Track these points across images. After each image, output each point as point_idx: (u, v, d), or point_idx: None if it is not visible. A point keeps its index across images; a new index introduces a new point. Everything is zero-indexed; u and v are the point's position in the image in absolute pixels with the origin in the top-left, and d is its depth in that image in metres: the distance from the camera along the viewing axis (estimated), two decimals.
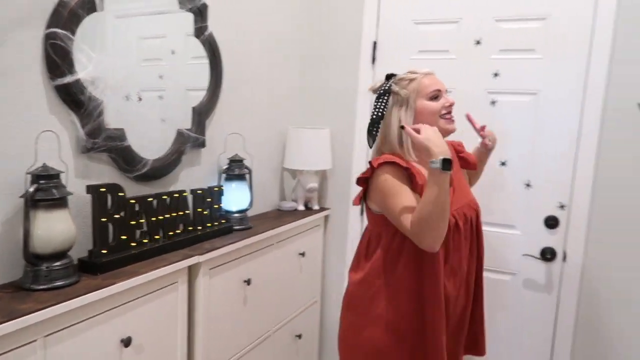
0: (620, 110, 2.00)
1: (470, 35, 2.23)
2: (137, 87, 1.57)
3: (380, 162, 1.52)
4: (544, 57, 2.11)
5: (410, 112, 1.57)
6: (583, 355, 2.14)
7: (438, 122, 1.55)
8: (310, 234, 2.40)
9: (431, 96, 1.56)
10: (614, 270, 2.07)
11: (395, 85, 1.61)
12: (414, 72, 1.61)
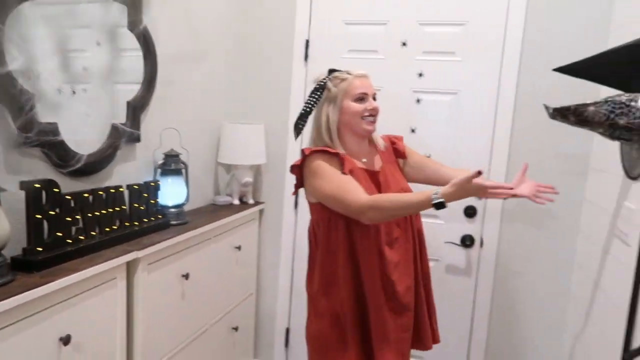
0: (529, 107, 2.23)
1: (397, 37, 2.37)
2: (69, 79, 1.53)
3: (312, 150, 1.64)
4: (463, 59, 2.30)
5: (336, 109, 1.68)
6: (498, 330, 2.37)
7: (360, 123, 1.67)
8: (246, 228, 2.44)
9: (356, 98, 1.66)
10: (523, 253, 2.31)
11: (330, 82, 1.70)
12: (349, 73, 1.71)
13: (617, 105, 1.62)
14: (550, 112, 1.72)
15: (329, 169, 1.59)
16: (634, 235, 1.59)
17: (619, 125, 1.61)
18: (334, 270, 1.65)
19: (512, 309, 2.35)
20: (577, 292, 2.16)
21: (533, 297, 2.32)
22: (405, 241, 1.68)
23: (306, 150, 1.66)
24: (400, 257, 1.66)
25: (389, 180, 1.71)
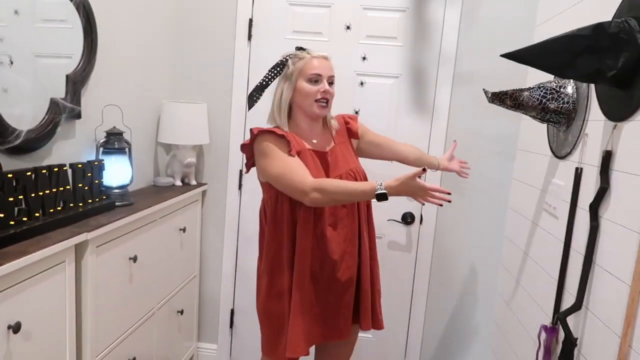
0: (464, 91, 2.37)
1: (341, 20, 2.40)
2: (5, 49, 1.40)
3: (260, 129, 1.65)
4: (404, 44, 2.38)
5: (290, 88, 1.69)
6: (436, 301, 2.53)
7: (311, 105, 1.68)
8: (189, 210, 2.38)
9: (310, 79, 1.66)
10: (459, 228, 2.47)
11: (291, 59, 1.70)
12: (308, 53, 1.70)
13: (549, 91, 1.77)
14: (489, 97, 1.85)
15: (276, 150, 1.60)
16: (562, 208, 1.76)
17: (550, 109, 1.77)
18: (278, 248, 1.68)
19: (449, 280, 2.51)
20: (507, 262, 2.36)
21: (468, 268, 2.49)
22: (351, 221, 1.72)
23: (254, 130, 1.66)
24: (344, 237, 1.70)
25: (338, 160, 1.75)
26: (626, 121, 1.38)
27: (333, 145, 1.78)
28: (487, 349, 2.52)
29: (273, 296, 1.70)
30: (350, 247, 1.72)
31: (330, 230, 1.67)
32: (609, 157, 1.43)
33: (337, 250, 1.68)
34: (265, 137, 1.63)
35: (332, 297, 1.70)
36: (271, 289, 1.70)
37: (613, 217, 1.40)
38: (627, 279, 1.29)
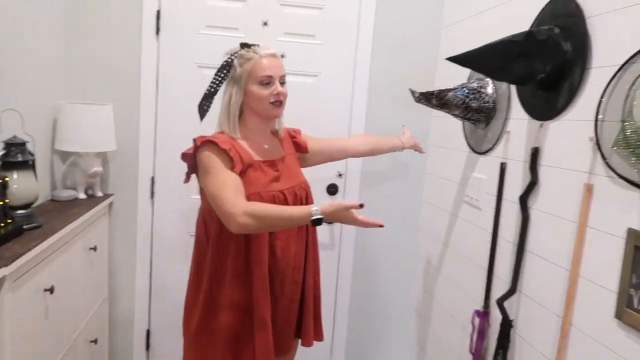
0: (380, 89, 2.44)
1: (258, 16, 2.31)
2: None
3: (203, 140, 1.52)
4: (322, 42, 2.37)
5: (240, 92, 1.58)
6: (359, 294, 2.58)
7: (266, 108, 1.60)
8: (98, 225, 2.12)
9: (261, 81, 1.56)
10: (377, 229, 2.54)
11: (237, 60, 1.58)
12: (256, 52, 1.59)
13: (471, 91, 1.90)
14: (416, 96, 1.92)
15: (218, 166, 1.49)
16: (485, 200, 1.90)
17: (472, 108, 1.89)
18: (223, 261, 1.57)
19: (371, 273, 2.59)
20: (425, 253, 2.49)
21: (388, 259, 2.58)
22: (301, 236, 1.68)
23: (198, 140, 1.54)
24: (295, 250, 1.65)
25: (290, 171, 1.69)
26: (552, 120, 1.52)
27: (284, 154, 1.71)
28: (410, 339, 2.64)
29: (218, 310, 1.57)
30: (299, 261, 1.67)
31: (283, 244, 1.60)
32: (537, 153, 1.58)
33: (289, 264, 1.62)
34: (209, 149, 1.51)
35: (281, 311, 1.64)
36: (214, 302, 1.58)
37: (542, 207, 1.55)
38: (561, 263, 1.43)
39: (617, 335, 1.21)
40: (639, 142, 1.14)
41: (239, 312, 1.56)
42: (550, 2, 1.56)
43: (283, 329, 1.67)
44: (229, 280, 1.56)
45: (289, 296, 1.64)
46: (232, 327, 1.55)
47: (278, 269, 1.59)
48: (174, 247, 2.37)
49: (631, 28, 1.23)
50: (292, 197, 1.63)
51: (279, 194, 1.58)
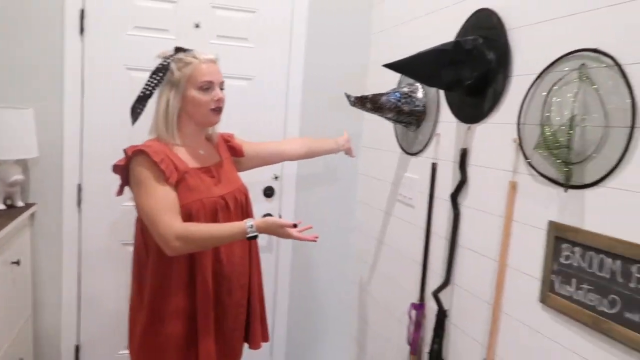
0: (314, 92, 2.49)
1: (189, 18, 2.27)
2: None
3: (134, 150, 1.48)
4: (255, 46, 2.38)
5: (178, 96, 1.55)
6: (298, 295, 2.62)
7: (206, 115, 1.58)
8: (20, 237, 1.97)
9: (201, 87, 1.55)
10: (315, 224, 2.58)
11: (174, 64, 1.55)
12: (195, 57, 1.57)
13: (403, 95, 2.00)
14: (351, 100, 1.99)
15: (150, 181, 1.46)
16: (417, 199, 2.01)
17: (404, 111, 2.00)
18: (166, 270, 1.53)
19: (309, 273, 2.63)
20: (359, 250, 2.57)
21: (325, 259, 2.64)
22: (243, 240, 1.65)
23: (129, 151, 1.49)
24: (239, 255, 1.65)
25: (227, 177, 1.68)
26: (479, 123, 1.65)
27: (220, 159, 1.70)
28: (348, 336, 2.72)
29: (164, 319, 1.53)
30: (243, 266, 1.67)
31: (227, 249, 1.59)
32: (466, 154, 1.70)
33: (235, 269, 1.62)
34: (141, 161, 1.47)
35: (230, 317, 1.63)
36: (159, 311, 1.53)
37: (471, 204, 1.67)
38: (490, 254, 1.56)
39: (542, 318, 1.34)
40: (556, 144, 1.27)
41: (186, 320, 1.53)
42: (474, 14, 1.68)
43: (233, 335, 1.66)
44: (174, 288, 1.53)
45: (237, 301, 1.64)
46: (180, 335, 1.53)
47: (225, 275, 1.59)
48: (104, 257, 2.26)
49: (547, 41, 1.37)
50: (233, 202, 1.63)
51: (219, 200, 1.58)
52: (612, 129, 1.16)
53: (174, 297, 1.52)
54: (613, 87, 1.17)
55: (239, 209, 1.66)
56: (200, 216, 1.51)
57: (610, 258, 1.14)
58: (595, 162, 1.20)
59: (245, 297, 1.68)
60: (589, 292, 1.19)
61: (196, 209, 1.51)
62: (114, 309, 2.28)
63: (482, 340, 1.58)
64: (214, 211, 1.55)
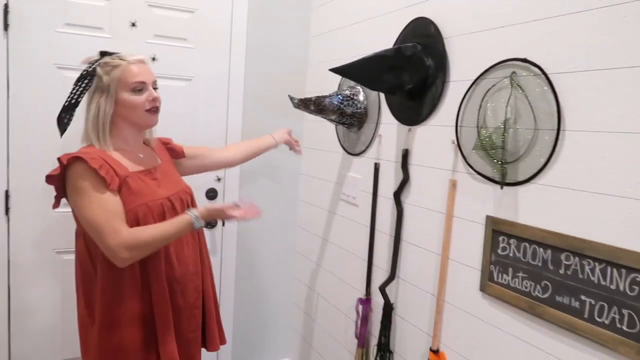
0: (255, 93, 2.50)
1: (125, 16, 2.19)
2: None
3: (70, 157, 1.43)
4: (195, 46, 2.34)
5: (111, 101, 1.51)
6: (243, 298, 2.61)
7: (142, 116, 1.55)
8: None
9: (133, 88, 1.51)
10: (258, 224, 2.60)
11: (100, 69, 1.51)
12: (122, 59, 1.53)
13: (345, 97, 2.07)
14: (295, 102, 2.03)
15: (89, 189, 1.40)
16: (361, 197, 2.09)
17: (347, 113, 2.07)
18: (119, 279, 1.49)
19: (254, 274, 2.63)
20: (304, 249, 2.62)
21: (269, 259, 2.66)
22: (192, 240, 1.67)
23: (63, 159, 1.42)
24: (192, 258, 1.64)
25: (169, 179, 1.66)
26: (419, 125, 1.75)
27: (160, 162, 1.68)
28: (295, 334, 2.75)
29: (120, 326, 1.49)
30: (195, 267, 1.66)
31: (178, 251, 1.58)
32: (407, 154, 1.79)
33: (187, 271, 1.61)
34: (78, 170, 1.41)
35: (185, 319, 1.61)
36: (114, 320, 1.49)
37: (414, 202, 1.77)
38: (432, 249, 1.66)
39: (482, 305, 1.46)
40: (492, 145, 1.39)
41: (143, 325, 1.50)
42: (412, 22, 1.78)
43: (190, 338, 1.64)
44: (128, 295, 1.49)
45: (191, 304, 1.63)
46: (137, 340, 1.49)
47: (177, 278, 1.57)
48: (36, 266, 2.13)
49: (481, 50, 1.48)
50: (179, 203, 1.62)
51: (166, 201, 1.56)
52: (541, 132, 1.29)
53: (129, 303, 1.48)
54: (540, 94, 1.29)
55: (185, 209, 1.62)
56: (148, 219, 1.49)
57: (542, 248, 1.27)
58: (527, 161, 1.32)
59: (200, 299, 1.67)
60: (524, 280, 1.32)
61: (143, 212, 1.48)
62: (49, 322, 2.16)
63: (428, 329, 1.68)
64: (161, 213, 1.53)
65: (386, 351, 1.84)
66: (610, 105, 1.13)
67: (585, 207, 1.18)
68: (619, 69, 1.11)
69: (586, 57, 1.18)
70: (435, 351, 1.60)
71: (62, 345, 2.20)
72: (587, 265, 1.16)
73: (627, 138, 1.09)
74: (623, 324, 1.08)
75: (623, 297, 1.08)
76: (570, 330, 1.19)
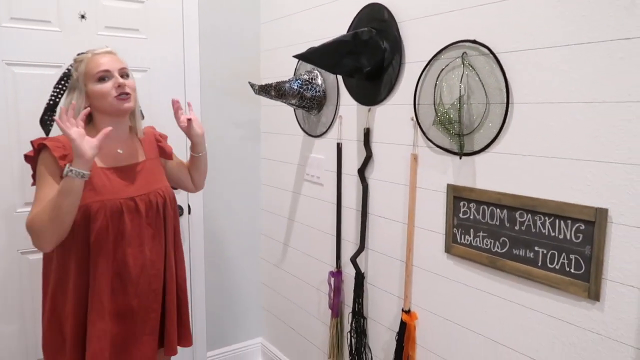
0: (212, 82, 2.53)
1: (73, 8, 2.14)
2: None
3: (38, 143, 1.51)
4: (148, 37, 2.33)
5: (82, 96, 1.54)
6: (213, 285, 2.66)
7: (114, 104, 1.56)
8: None
9: (99, 77, 1.54)
10: (223, 210, 2.65)
11: (72, 67, 1.55)
12: (86, 52, 1.56)
13: (304, 82, 2.15)
14: (255, 89, 2.09)
15: (43, 176, 1.49)
16: (325, 177, 2.19)
17: (306, 97, 2.16)
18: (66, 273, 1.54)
19: (222, 260, 2.69)
20: (269, 231, 2.70)
21: (236, 242, 2.72)
22: (156, 241, 1.66)
23: (34, 142, 1.50)
24: (149, 258, 1.63)
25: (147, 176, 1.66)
26: (378, 105, 1.87)
27: (144, 159, 1.69)
28: (268, 314, 2.85)
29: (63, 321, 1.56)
30: (156, 268, 1.66)
31: (136, 252, 1.59)
32: (369, 133, 1.91)
33: (144, 273, 1.61)
34: (42, 155, 1.51)
35: (140, 322, 1.63)
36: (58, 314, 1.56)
37: (378, 177, 1.90)
38: (398, 219, 1.80)
39: (448, 265, 1.62)
40: (449, 119, 1.53)
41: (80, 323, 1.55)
42: (365, 7, 1.88)
43: (144, 340, 1.64)
44: (71, 289, 1.53)
45: (147, 306, 1.63)
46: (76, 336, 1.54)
47: (132, 279, 1.58)
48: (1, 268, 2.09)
49: (433, 32, 1.61)
50: (144, 204, 1.61)
51: (127, 201, 1.57)
52: (492, 105, 1.44)
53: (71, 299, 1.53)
54: (490, 72, 1.44)
55: (153, 211, 1.64)
56: (100, 217, 1.50)
57: (499, 209, 1.43)
58: (481, 133, 1.47)
59: (158, 302, 1.67)
60: (484, 238, 1.48)
61: (95, 209, 1.50)
62: (17, 326, 2.13)
63: (399, 293, 1.83)
64: (117, 212, 1.54)
65: (360, 317, 1.97)
66: (551, 80, 1.29)
67: (534, 170, 1.34)
68: (557, 47, 1.27)
69: (528, 37, 1.33)
70: (407, 311, 1.76)
71: (35, 346, 2.18)
72: (539, 220, 1.33)
73: (566, 108, 1.26)
74: (571, 268, 1.26)
75: (570, 245, 1.26)
76: (527, 278, 1.37)
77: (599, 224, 1.19)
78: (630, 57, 1.13)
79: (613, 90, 1.16)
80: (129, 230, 1.56)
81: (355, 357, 1.99)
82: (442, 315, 1.65)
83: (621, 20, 1.14)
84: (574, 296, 1.27)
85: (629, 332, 1.16)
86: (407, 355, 1.76)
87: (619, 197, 1.17)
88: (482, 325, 1.52)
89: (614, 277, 1.19)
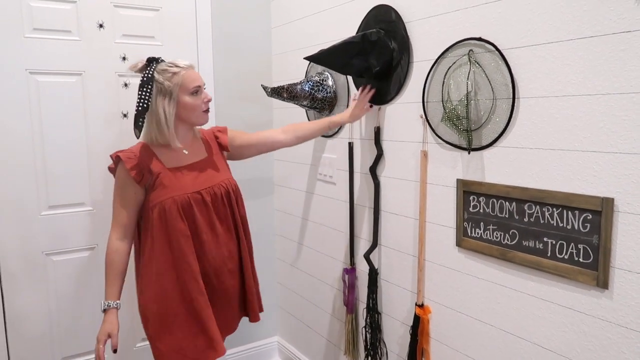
0: (225, 86, 2.59)
1: (92, 18, 2.22)
2: None
3: (115, 156, 1.71)
4: (163, 44, 2.40)
5: (174, 104, 1.71)
6: None
7: (199, 116, 1.77)
8: None
9: (192, 91, 1.73)
10: None
11: (159, 75, 1.69)
12: (176, 66, 1.71)
13: (315, 84, 2.20)
14: (268, 91, 2.15)
15: (118, 186, 1.72)
16: (338, 176, 2.24)
17: (318, 98, 2.20)
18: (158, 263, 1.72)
19: None
20: (284, 231, 2.75)
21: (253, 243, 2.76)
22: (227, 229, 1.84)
23: (113, 156, 1.72)
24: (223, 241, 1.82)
25: (211, 172, 1.82)
26: (388, 104, 1.91)
27: (207, 156, 1.85)
28: (280, 310, 2.89)
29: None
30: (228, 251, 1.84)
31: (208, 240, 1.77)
32: (379, 131, 1.95)
33: (217, 257, 1.80)
34: (118, 167, 1.72)
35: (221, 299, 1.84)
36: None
37: (389, 174, 1.93)
38: (410, 214, 1.84)
39: (459, 259, 1.65)
40: (457, 116, 1.56)
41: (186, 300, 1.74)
42: (373, 9, 1.92)
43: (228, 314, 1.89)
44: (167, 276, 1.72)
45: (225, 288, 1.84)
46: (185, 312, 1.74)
47: (209, 261, 1.77)
48: (25, 270, 2.17)
49: (439, 31, 1.65)
50: (210, 197, 1.78)
51: (195, 195, 1.74)
52: (499, 101, 1.47)
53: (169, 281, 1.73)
54: (496, 68, 1.47)
55: (218, 201, 1.81)
56: (173, 211, 1.69)
57: (508, 202, 1.46)
58: (488, 128, 1.51)
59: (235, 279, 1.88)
60: (494, 231, 1.51)
61: (169, 205, 1.69)
62: (46, 325, 2.21)
63: (412, 287, 1.86)
64: (187, 206, 1.72)
65: (375, 312, 2.01)
66: (555, 74, 1.32)
67: (541, 162, 1.37)
68: (561, 41, 1.30)
69: (532, 33, 1.37)
70: (421, 305, 1.79)
71: (60, 346, 2.25)
72: (547, 212, 1.36)
73: (570, 100, 1.29)
74: (580, 257, 1.29)
75: (578, 234, 1.29)
76: (537, 269, 1.39)
77: (605, 214, 1.22)
78: (632, 49, 1.16)
79: (616, 82, 1.19)
80: (200, 220, 1.74)
81: (371, 352, 2.02)
82: (454, 308, 1.68)
83: (622, 14, 1.17)
84: (583, 285, 1.29)
85: (638, 319, 1.19)
86: (421, 348, 1.79)
87: (625, 186, 1.19)
88: (494, 316, 1.54)
89: (622, 265, 1.21)
